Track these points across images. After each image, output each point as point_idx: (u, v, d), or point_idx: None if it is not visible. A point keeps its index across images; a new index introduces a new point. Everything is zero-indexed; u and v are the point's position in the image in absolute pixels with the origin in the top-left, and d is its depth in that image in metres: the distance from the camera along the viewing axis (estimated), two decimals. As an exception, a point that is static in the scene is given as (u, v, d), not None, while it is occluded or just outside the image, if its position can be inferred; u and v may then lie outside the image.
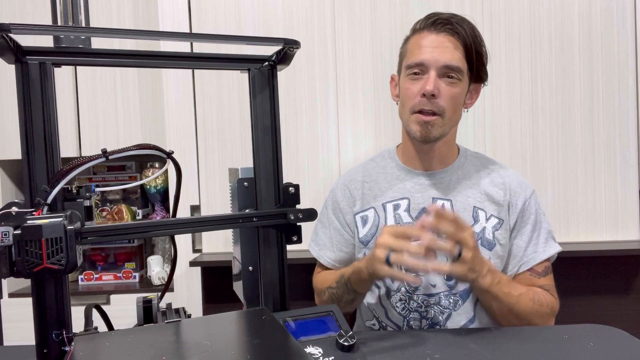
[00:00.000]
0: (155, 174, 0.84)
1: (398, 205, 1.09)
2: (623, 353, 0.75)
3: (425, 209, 1.07)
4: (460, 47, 1.01)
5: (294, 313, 0.77)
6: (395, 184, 1.11)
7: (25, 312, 1.69)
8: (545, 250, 1.07)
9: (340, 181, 1.20)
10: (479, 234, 1.05)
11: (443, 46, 1.01)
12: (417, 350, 0.77)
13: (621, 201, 1.66)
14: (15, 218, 0.57)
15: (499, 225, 1.06)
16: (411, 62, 1.03)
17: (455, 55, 1.01)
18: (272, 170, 0.79)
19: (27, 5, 1.84)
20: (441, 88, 1.00)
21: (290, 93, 1.72)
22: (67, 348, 0.65)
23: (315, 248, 1.20)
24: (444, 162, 1.10)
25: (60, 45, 0.66)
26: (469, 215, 1.06)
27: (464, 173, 1.10)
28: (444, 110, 1.01)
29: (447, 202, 1.07)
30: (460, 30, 1.01)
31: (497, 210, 1.07)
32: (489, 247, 1.05)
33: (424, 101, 1.00)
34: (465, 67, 1.03)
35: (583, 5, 1.66)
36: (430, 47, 1.01)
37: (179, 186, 0.78)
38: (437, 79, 1.00)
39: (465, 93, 1.06)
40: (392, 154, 1.17)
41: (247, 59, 0.77)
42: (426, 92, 0.99)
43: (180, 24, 1.71)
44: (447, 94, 1.00)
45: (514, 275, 1.07)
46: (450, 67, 1.00)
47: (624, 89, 1.66)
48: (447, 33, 1.02)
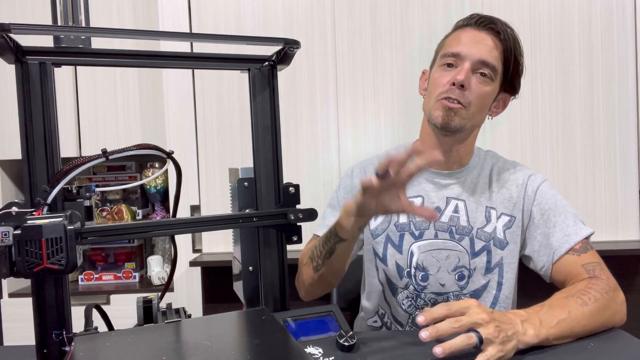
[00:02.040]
0: (155, 174, 0.84)
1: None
2: (623, 353, 0.74)
3: (439, 208, 1.05)
4: (499, 48, 1.00)
5: (294, 313, 0.77)
6: (410, 181, 1.09)
7: (25, 312, 1.70)
8: (577, 232, 0.98)
9: (358, 167, 1.16)
10: (491, 234, 1.04)
11: (482, 42, 0.99)
12: (417, 350, 0.77)
13: (621, 201, 1.66)
14: (15, 218, 0.57)
15: (511, 223, 1.05)
16: (447, 52, 1.01)
17: (492, 53, 0.99)
18: (272, 170, 0.79)
19: (27, 5, 1.84)
20: (472, 82, 0.98)
21: (290, 93, 1.72)
22: (67, 348, 0.65)
23: (322, 230, 1.08)
24: (460, 163, 1.09)
25: (60, 45, 0.66)
26: (482, 215, 1.05)
27: (479, 173, 1.09)
28: (470, 103, 0.98)
29: (461, 202, 1.06)
30: (502, 31, 1.00)
31: (509, 207, 1.05)
32: (501, 246, 1.04)
33: (452, 89, 0.98)
34: (501, 69, 1.01)
35: (583, 5, 1.66)
36: (470, 41, 0.99)
37: (179, 186, 0.78)
38: (470, 72, 0.98)
39: (494, 98, 1.04)
40: (408, 149, 1.14)
41: (247, 59, 0.77)
42: (456, 80, 0.96)
43: (180, 24, 1.71)
44: (476, 89, 0.98)
45: (553, 263, 0.98)
46: (486, 63, 0.98)
47: (624, 89, 1.66)
48: (489, 32, 1.00)
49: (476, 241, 1.04)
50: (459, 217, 1.05)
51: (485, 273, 1.04)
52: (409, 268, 1.03)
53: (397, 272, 1.06)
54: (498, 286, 1.04)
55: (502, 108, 1.09)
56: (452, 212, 1.05)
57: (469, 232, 1.04)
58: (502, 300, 1.04)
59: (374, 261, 1.10)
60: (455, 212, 1.05)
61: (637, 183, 1.66)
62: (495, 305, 1.05)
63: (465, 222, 1.05)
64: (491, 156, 1.14)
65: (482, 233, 1.04)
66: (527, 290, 1.17)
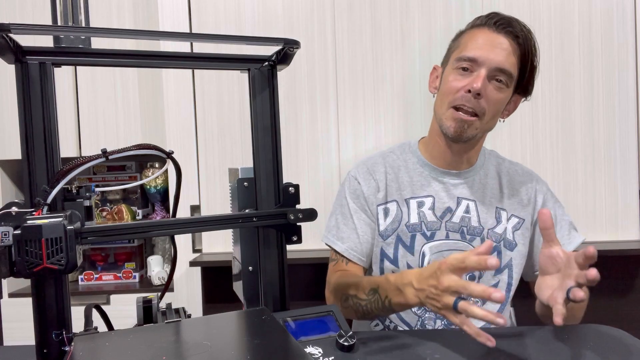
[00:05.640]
0: (155, 174, 0.84)
1: (422, 202, 1.05)
2: (623, 353, 0.75)
3: (450, 208, 1.05)
4: (517, 53, 0.97)
5: (294, 313, 0.77)
6: (418, 180, 1.07)
7: (25, 312, 1.70)
8: (570, 241, 1.05)
9: (362, 169, 1.11)
10: (502, 234, 1.04)
11: (500, 47, 0.96)
12: (417, 350, 0.77)
13: (621, 201, 1.66)
14: (15, 218, 0.57)
15: (519, 225, 1.05)
16: (463, 55, 0.97)
17: (510, 59, 0.96)
18: (272, 170, 0.79)
19: (27, 5, 1.84)
20: (488, 89, 0.95)
21: (290, 93, 1.72)
22: (67, 348, 0.65)
23: (338, 243, 1.08)
24: (469, 162, 1.08)
25: (60, 45, 0.66)
26: (492, 215, 1.05)
27: (486, 172, 1.09)
28: (484, 112, 0.96)
29: (472, 203, 1.05)
30: (521, 35, 0.97)
31: (518, 209, 1.06)
32: (510, 247, 1.04)
33: (467, 97, 0.95)
34: (516, 75, 0.98)
35: (583, 5, 1.66)
36: (487, 45, 0.96)
37: (179, 186, 0.78)
38: (486, 80, 0.95)
39: (507, 102, 1.02)
40: (413, 148, 1.12)
41: (247, 59, 0.77)
42: (473, 89, 0.94)
43: (180, 24, 1.71)
44: (492, 97, 0.96)
45: None
46: (502, 71, 0.96)
47: (624, 89, 1.66)
48: (507, 35, 0.97)
49: None
50: (470, 217, 1.05)
51: (495, 274, 1.04)
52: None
53: None
54: (508, 287, 1.05)
55: (513, 110, 1.07)
56: (464, 213, 1.05)
57: (480, 232, 1.04)
58: (509, 301, 1.05)
59: (379, 263, 1.09)
60: (466, 213, 1.05)
61: (637, 183, 1.66)
62: (504, 307, 1.06)
63: (477, 222, 1.04)
64: (495, 156, 1.14)
65: (492, 234, 1.04)
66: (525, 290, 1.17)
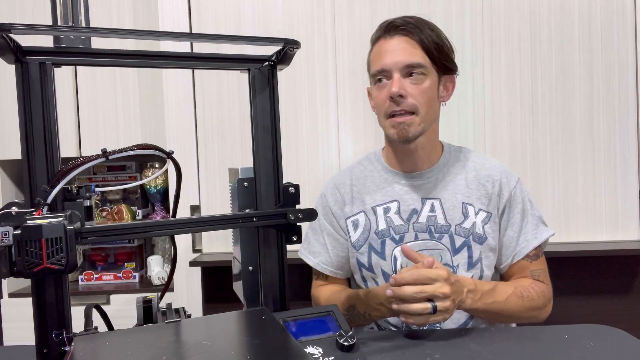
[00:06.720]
0: (155, 174, 0.84)
1: (388, 208, 1.09)
2: (623, 353, 0.75)
3: (416, 209, 1.07)
4: (417, 45, 1.03)
5: (294, 313, 0.77)
6: (383, 187, 1.11)
7: (25, 312, 1.70)
8: (536, 236, 1.07)
9: (330, 185, 1.19)
10: (470, 229, 1.05)
11: (399, 48, 1.02)
12: (417, 350, 0.77)
13: (621, 201, 1.66)
14: (15, 218, 0.57)
15: (488, 219, 1.07)
16: (374, 71, 1.05)
17: (413, 52, 1.02)
18: (272, 170, 0.79)
19: (27, 5, 1.84)
20: (407, 87, 1.01)
21: (290, 93, 1.72)
22: (67, 348, 0.65)
23: (310, 257, 1.17)
24: (430, 161, 1.10)
25: (60, 45, 0.66)
26: (459, 211, 1.06)
27: (450, 170, 1.10)
28: (417, 108, 1.01)
29: (437, 201, 1.07)
30: (413, 29, 1.03)
31: (485, 203, 1.07)
32: (480, 241, 1.05)
33: (393, 104, 1.02)
34: (428, 62, 1.03)
35: (583, 5, 1.66)
36: (388, 53, 1.03)
37: (179, 186, 0.78)
38: (402, 80, 1.01)
39: (437, 87, 1.06)
40: (377, 156, 1.17)
41: (247, 59, 0.77)
42: (392, 94, 1.00)
43: (180, 24, 1.71)
44: (415, 92, 1.01)
45: (509, 265, 1.08)
46: (411, 65, 1.01)
47: (624, 89, 1.66)
48: (401, 35, 1.04)
49: (456, 238, 1.05)
50: (436, 216, 1.07)
51: (468, 269, 1.05)
52: (395, 273, 1.04)
53: (384, 279, 1.07)
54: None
55: (452, 89, 1.11)
56: (429, 212, 1.07)
57: (448, 229, 1.06)
58: None
59: (359, 272, 1.12)
60: (432, 212, 1.07)
61: (637, 183, 1.66)
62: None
63: (443, 220, 1.06)
64: (461, 152, 1.15)
65: (460, 229, 1.06)
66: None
